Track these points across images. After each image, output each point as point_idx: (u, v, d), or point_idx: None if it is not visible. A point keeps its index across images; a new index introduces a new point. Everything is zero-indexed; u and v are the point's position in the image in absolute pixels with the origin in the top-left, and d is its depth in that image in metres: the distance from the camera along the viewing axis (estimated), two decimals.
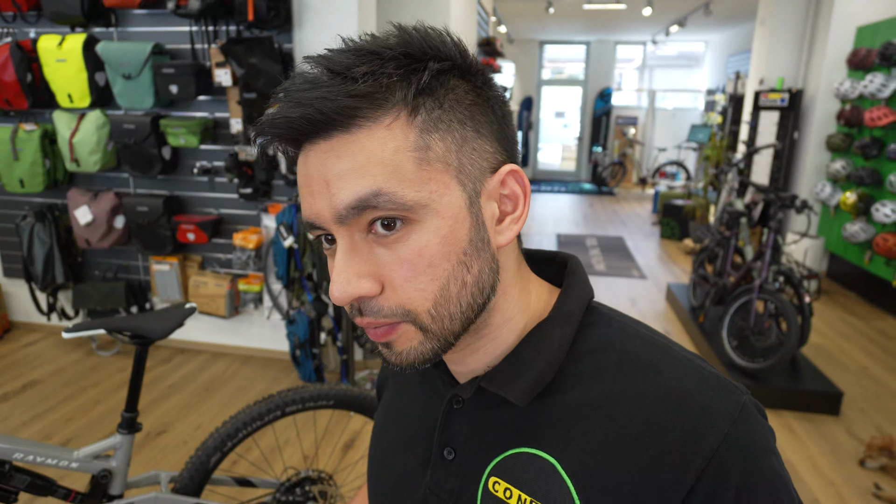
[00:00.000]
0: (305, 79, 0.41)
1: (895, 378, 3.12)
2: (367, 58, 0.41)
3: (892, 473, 2.27)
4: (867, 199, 4.05)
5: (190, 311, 1.35)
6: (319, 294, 2.77)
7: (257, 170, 2.76)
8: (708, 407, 0.43)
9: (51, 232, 3.04)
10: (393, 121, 0.40)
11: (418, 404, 0.58)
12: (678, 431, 0.43)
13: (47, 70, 2.75)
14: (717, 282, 3.42)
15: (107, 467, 1.23)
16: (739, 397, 0.44)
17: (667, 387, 0.45)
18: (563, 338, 0.49)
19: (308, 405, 1.43)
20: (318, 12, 2.66)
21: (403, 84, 0.41)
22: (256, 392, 2.81)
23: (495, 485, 0.49)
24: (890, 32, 3.96)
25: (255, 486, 1.49)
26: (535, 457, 0.47)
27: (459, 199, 0.43)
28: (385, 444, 0.61)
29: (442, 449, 0.52)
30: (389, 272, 0.42)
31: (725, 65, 9.22)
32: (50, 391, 2.78)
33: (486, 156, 0.45)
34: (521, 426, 0.49)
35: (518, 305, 0.50)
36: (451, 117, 0.42)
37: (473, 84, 0.45)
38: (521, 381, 0.48)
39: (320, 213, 0.42)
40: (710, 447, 0.42)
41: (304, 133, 0.41)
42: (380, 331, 0.44)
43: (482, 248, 0.44)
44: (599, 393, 0.46)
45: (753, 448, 0.42)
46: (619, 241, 6.32)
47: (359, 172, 0.40)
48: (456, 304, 0.44)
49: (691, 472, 0.41)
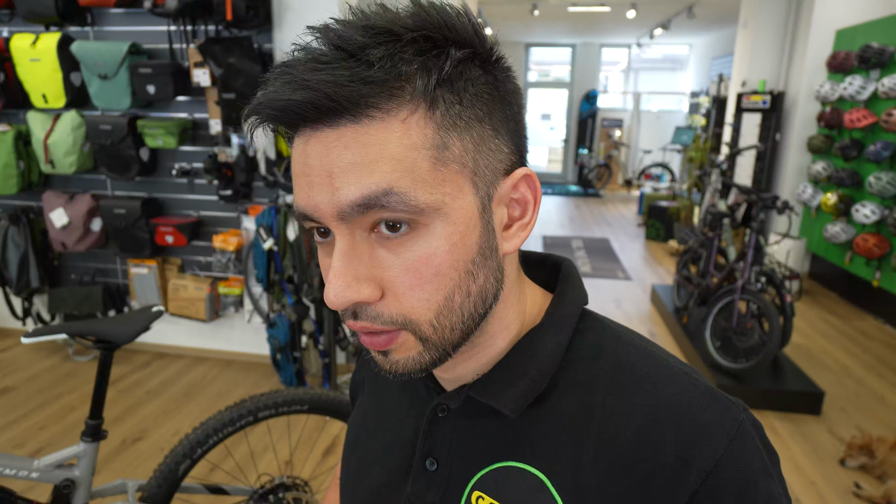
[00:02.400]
0: (312, 57, 0.37)
1: (875, 377, 3.14)
2: (383, 37, 0.36)
3: (872, 472, 2.28)
4: (847, 200, 4.09)
5: (157, 315, 1.31)
6: (300, 297, 2.74)
7: (237, 171, 2.72)
8: (704, 424, 0.41)
9: (25, 235, 2.97)
10: (410, 115, 0.37)
11: (399, 411, 0.55)
12: (672, 448, 0.40)
13: (21, 70, 2.69)
14: (701, 283, 3.43)
15: (69, 477, 1.19)
16: (737, 415, 0.42)
17: (662, 401, 0.42)
18: (556, 345, 0.47)
19: (282, 410, 1.40)
20: (297, 12, 2.63)
21: (423, 73, 0.37)
22: (237, 397, 2.77)
23: (479, 500, 0.46)
24: (868, 35, 4.01)
25: (228, 493, 1.46)
26: (523, 471, 0.45)
27: (472, 203, 0.40)
28: (361, 452, 0.58)
29: (424, 459, 0.49)
30: (392, 278, 0.39)
31: (709, 67, 9.31)
32: (23, 398, 2.71)
33: (502, 157, 0.41)
34: (509, 438, 0.46)
35: (515, 311, 0.47)
36: (471, 114, 0.39)
37: (493, 75, 0.41)
38: (512, 390, 0.45)
39: (318, 207, 0.38)
40: (705, 467, 0.39)
41: (306, 119, 0.37)
42: (378, 339, 0.41)
43: (489, 256, 0.41)
44: (592, 404, 0.44)
45: (750, 470, 0.40)
46: (604, 242, 6.34)
47: (368, 168, 0.36)
48: (458, 314, 0.41)
49: (684, 491, 0.39)
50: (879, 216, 3.69)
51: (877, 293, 4.00)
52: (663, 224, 6.34)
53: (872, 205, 3.73)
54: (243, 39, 2.54)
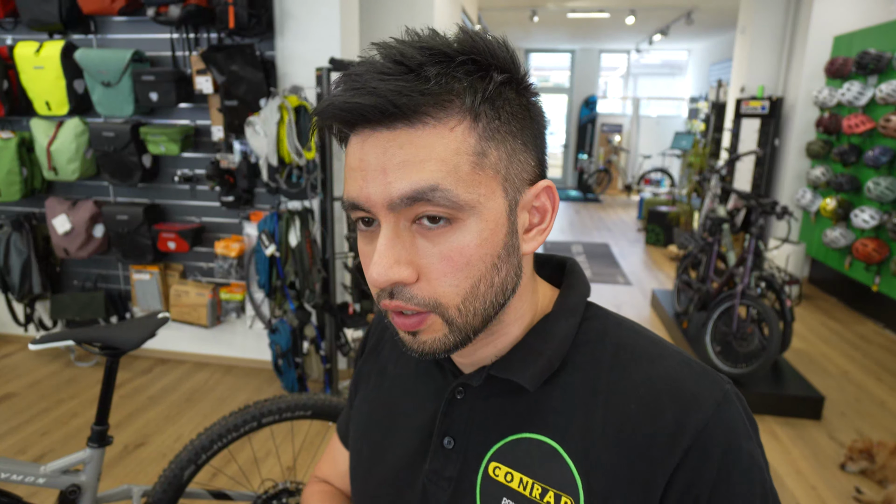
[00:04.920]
0: (377, 68, 0.42)
1: (875, 382, 3.15)
2: (438, 57, 0.42)
3: (873, 477, 2.28)
4: (846, 205, 4.11)
5: (162, 321, 1.32)
6: (302, 303, 2.75)
7: (239, 178, 2.73)
8: (696, 393, 0.47)
9: (28, 241, 2.98)
10: (457, 124, 0.43)
11: (416, 398, 0.59)
12: (670, 414, 0.46)
13: (24, 77, 2.71)
14: (701, 288, 3.44)
15: (76, 482, 1.20)
16: (723, 385, 0.49)
17: (660, 375, 0.49)
18: (568, 329, 0.52)
19: (285, 416, 1.41)
20: (299, 20, 2.65)
21: (470, 91, 0.43)
22: (239, 402, 2.77)
23: (496, 469, 0.51)
24: (866, 42, 4.03)
25: (232, 499, 1.46)
26: (537, 441, 0.50)
27: (502, 205, 0.45)
28: (376, 438, 0.61)
29: (442, 438, 0.54)
30: (428, 264, 0.44)
31: (708, 73, 9.35)
32: (26, 404, 2.72)
33: (528, 168, 0.48)
34: (523, 412, 0.51)
35: (528, 304, 0.53)
36: (507, 129, 0.45)
37: (525, 98, 0.47)
38: (531, 367, 0.51)
39: (370, 197, 0.44)
40: (697, 428, 0.46)
41: (369, 120, 0.42)
42: (410, 321, 0.46)
43: (512, 253, 0.47)
44: (598, 380, 0.50)
45: (734, 432, 0.47)
46: (604, 247, 6.35)
47: (419, 166, 0.42)
48: (482, 302, 0.46)
49: (679, 449, 0.45)
50: (878, 221, 3.70)
51: (876, 298, 4.01)
52: (663, 229, 6.36)
53: (871, 210, 3.74)
54: (246, 47, 2.56)
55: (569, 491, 0.47)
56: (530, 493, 0.49)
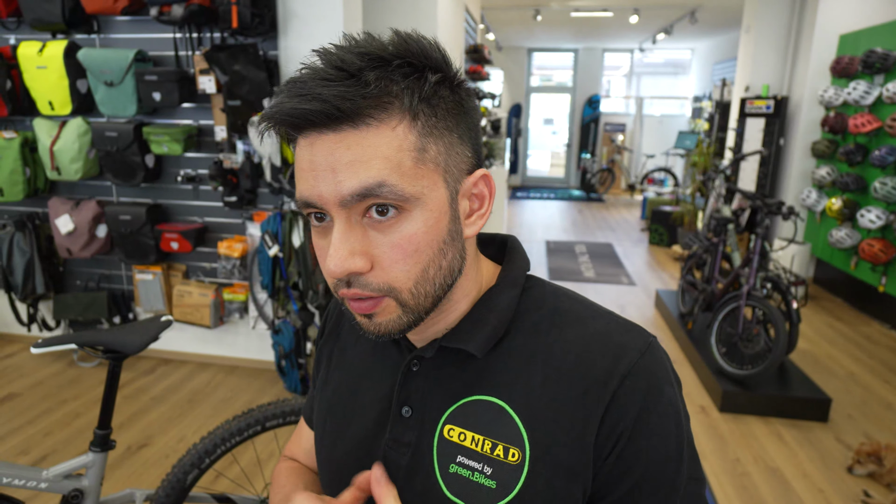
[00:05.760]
0: (319, 75, 0.45)
1: (882, 384, 3.13)
2: (375, 62, 0.45)
3: (880, 480, 2.26)
4: (852, 205, 4.08)
5: (166, 324, 1.31)
6: (305, 303, 2.74)
7: (242, 178, 2.72)
8: (623, 343, 0.53)
9: (31, 241, 2.98)
10: (398, 124, 0.46)
11: (374, 374, 0.63)
12: (601, 363, 0.52)
13: (27, 77, 2.70)
14: (706, 288, 3.42)
15: (78, 487, 1.19)
16: (648, 338, 0.54)
17: (591, 333, 0.54)
18: (510, 299, 0.57)
19: (290, 419, 1.40)
20: (303, 20, 2.64)
21: (408, 92, 0.46)
22: (241, 403, 2.77)
23: (450, 431, 0.55)
24: (871, 40, 4.01)
25: (235, 502, 1.45)
26: (487, 402, 0.54)
27: (444, 195, 0.49)
28: (339, 415, 0.64)
29: (400, 408, 0.58)
30: (380, 253, 0.48)
31: (711, 72, 9.31)
32: (28, 404, 2.71)
33: (465, 159, 0.51)
34: (472, 378, 0.56)
35: (473, 281, 0.57)
36: (443, 125, 0.48)
37: (459, 95, 0.50)
38: (479, 335, 0.55)
39: (322, 195, 0.47)
40: (622, 373, 0.51)
41: (316, 124, 0.45)
42: (365, 304, 0.50)
43: (456, 237, 0.51)
44: (537, 343, 0.55)
45: (656, 376, 0.52)
46: (608, 247, 6.33)
47: (366, 165, 0.45)
48: (432, 284, 0.50)
49: (608, 393, 0.51)
50: (884, 221, 3.68)
51: (882, 299, 3.99)
52: (667, 229, 6.33)
53: (877, 210, 3.72)
54: (249, 47, 2.55)
55: (516, 443, 0.52)
56: (482, 448, 0.53)
